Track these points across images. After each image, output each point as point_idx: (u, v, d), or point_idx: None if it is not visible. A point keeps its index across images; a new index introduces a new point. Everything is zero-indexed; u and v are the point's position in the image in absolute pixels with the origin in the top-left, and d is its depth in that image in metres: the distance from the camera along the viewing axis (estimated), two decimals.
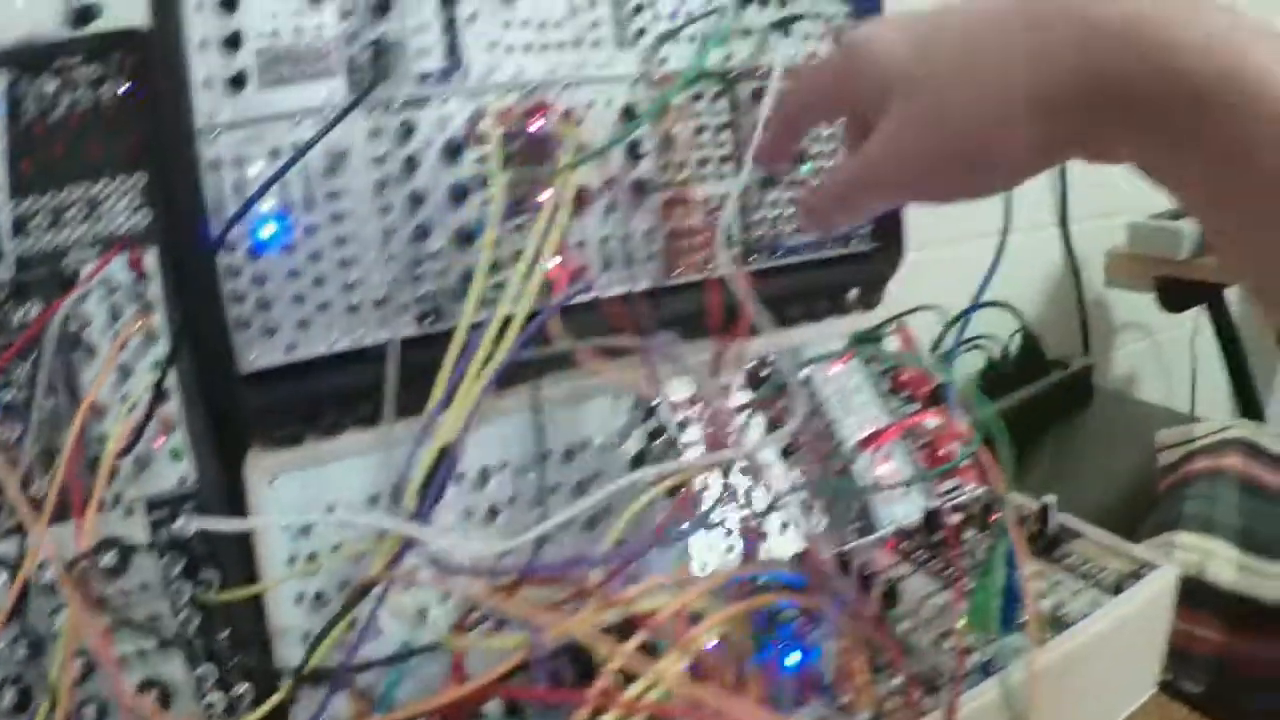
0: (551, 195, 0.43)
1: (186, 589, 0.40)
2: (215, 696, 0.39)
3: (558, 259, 0.44)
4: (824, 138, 0.52)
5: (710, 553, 0.45)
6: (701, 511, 0.40)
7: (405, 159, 0.43)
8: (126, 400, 0.41)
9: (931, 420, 0.49)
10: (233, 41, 0.41)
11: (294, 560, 0.41)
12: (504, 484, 0.43)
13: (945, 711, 0.36)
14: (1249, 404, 1.13)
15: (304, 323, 0.42)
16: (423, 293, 0.44)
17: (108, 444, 0.39)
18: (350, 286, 0.43)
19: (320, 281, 0.42)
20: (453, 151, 0.43)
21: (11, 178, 0.43)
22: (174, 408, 0.42)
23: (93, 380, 0.41)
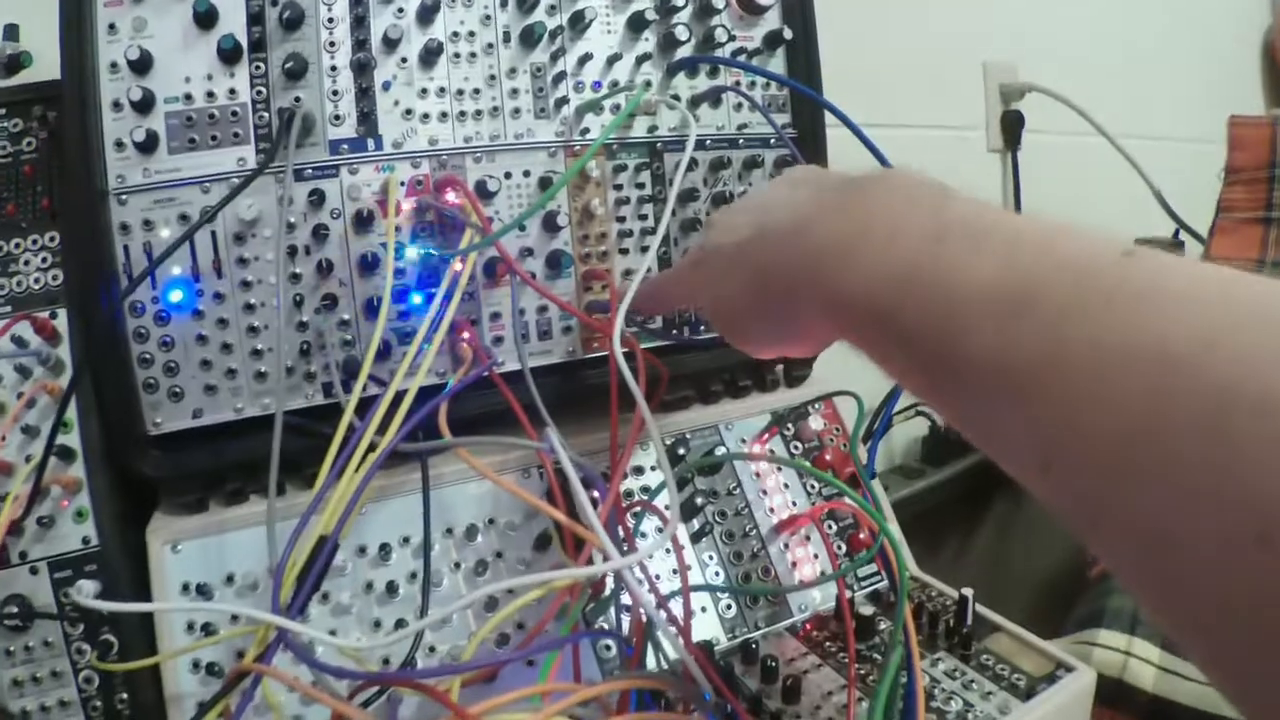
0: (462, 268, 0.43)
1: (87, 650, 0.41)
2: None
3: (465, 335, 0.44)
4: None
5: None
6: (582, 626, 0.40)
7: (315, 228, 0.43)
8: (31, 461, 0.41)
9: (851, 502, 0.48)
10: (145, 104, 0.41)
11: (193, 629, 0.41)
12: (404, 560, 0.43)
13: None
14: None
15: (211, 388, 0.42)
16: (329, 362, 0.43)
17: (5, 505, 0.40)
18: (258, 353, 0.43)
19: (228, 348, 0.42)
20: (364, 221, 0.43)
21: None
22: (79, 469, 0.42)
23: None
